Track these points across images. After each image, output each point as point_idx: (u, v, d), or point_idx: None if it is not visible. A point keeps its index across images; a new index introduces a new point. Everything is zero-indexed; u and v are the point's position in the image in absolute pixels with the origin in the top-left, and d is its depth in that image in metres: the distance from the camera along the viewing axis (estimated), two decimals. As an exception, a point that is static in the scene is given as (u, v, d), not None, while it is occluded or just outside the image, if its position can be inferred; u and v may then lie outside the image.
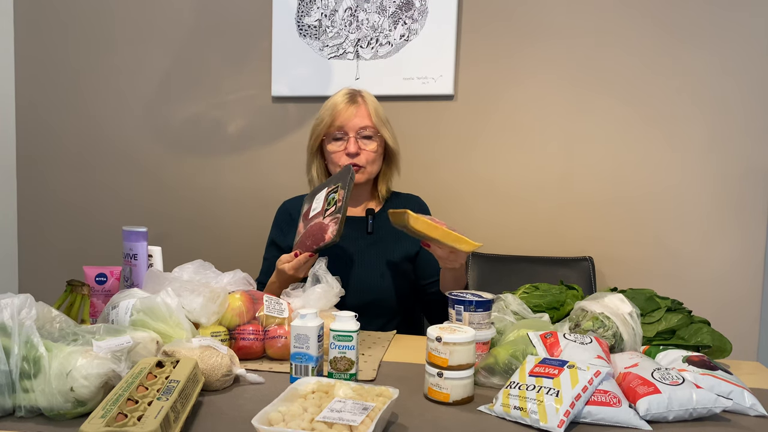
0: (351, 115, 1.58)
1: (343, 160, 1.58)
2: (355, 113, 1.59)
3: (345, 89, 1.65)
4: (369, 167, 1.61)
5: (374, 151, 1.60)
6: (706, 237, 2.02)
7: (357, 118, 1.59)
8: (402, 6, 2.14)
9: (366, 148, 1.59)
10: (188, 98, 2.38)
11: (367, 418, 0.86)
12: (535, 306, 1.35)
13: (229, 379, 1.06)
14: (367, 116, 1.60)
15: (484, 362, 1.11)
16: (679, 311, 1.28)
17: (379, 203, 1.70)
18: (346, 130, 1.58)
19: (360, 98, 1.62)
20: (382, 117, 1.63)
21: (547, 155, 2.11)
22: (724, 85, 1.98)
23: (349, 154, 1.58)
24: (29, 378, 0.92)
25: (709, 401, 0.96)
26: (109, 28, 2.43)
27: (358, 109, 1.59)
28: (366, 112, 1.60)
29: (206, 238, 2.41)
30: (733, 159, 1.99)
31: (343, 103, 1.59)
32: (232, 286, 1.28)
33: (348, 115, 1.58)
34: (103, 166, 2.49)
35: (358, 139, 1.58)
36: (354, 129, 1.58)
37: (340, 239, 1.44)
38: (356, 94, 1.63)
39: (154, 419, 0.79)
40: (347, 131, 1.58)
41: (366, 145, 1.59)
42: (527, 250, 2.13)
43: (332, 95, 1.65)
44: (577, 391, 0.93)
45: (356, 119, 1.58)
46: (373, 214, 1.64)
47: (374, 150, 1.60)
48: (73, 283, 1.35)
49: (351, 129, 1.58)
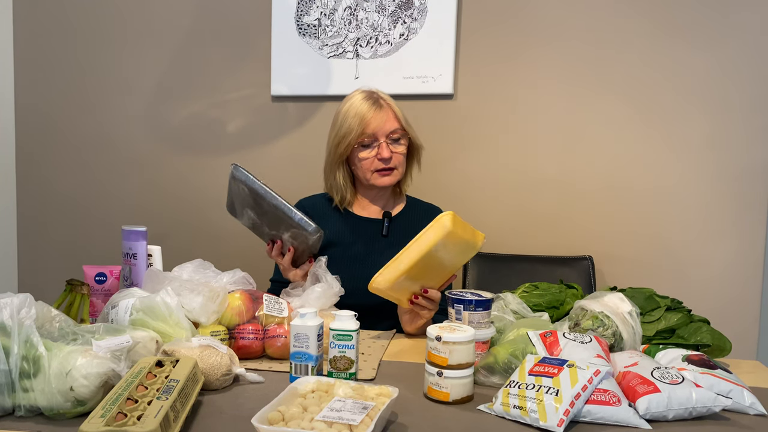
0: (381, 121, 1.56)
1: (375, 165, 1.58)
2: (385, 119, 1.56)
3: (361, 92, 1.61)
4: (400, 168, 1.61)
5: (403, 153, 1.61)
6: (706, 236, 2.03)
7: (387, 124, 1.56)
8: (401, 5, 2.14)
9: (396, 151, 1.58)
10: (188, 97, 2.38)
11: (366, 417, 0.86)
12: (534, 305, 1.35)
13: (228, 378, 1.06)
14: (395, 119, 1.58)
15: (484, 361, 1.11)
16: (679, 310, 1.28)
17: (396, 204, 1.70)
18: (377, 136, 1.56)
19: (383, 101, 1.59)
20: (405, 116, 1.62)
21: (546, 154, 2.11)
22: (724, 84, 1.98)
23: (383, 159, 1.56)
24: (29, 377, 0.92)
25: (708, 400, 0.96)
26: (108, 27, 2.43)
27: (386, 114, 1.57)
28: (393, 115, 1.58)
29: (206, 237, 2.41)
30: (732, 158, 1.99)
31: (370, 111, 1.56)
32: (232, 285, 1.28)
33: (379, 122, 1.55)
34: (102, 165, 2.48)
35: (388, 143, 1.57)
36: (385, 134, 1.56)
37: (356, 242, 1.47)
38: (378, 98, 1.59)
39: (154, 418, 0.79)
40: (378, 137, 1.56)
41: (396, 149, 1.58)
42: (527, 249, 2.13)
43: (350, 100, 1.60)
44: (577, 390, 0.93)
45: (386, 125, 1.56)
46: (390, 217, 1.64)
47: (403, 152, 1.61)
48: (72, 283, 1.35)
49: (382, 135, 1.56)
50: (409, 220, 1.67)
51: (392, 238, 1.62)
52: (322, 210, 1.68)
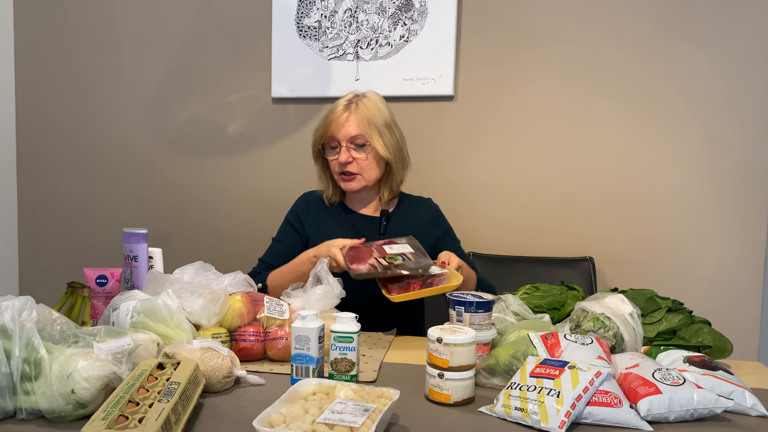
0: (340, 124, 1.56)
1: (338, 168, 1.58)
2: (345, 122, 1.56)
3: (349, 94, 1.61)
4: (365, 174, 1.58)
5: (365, 159, 1.57)
6: (707, 237, 2.02)
7: (346, 128, 1.56)
8: (402, 7, 2.14)
9: (358, 156, 1.57)
10: (188, 99, 2.38)
11: (368, 419, 0.86)
12: (535, 306, 1.35)
13: (229, 380, 1.06)
14: (356, 125, 1.55)
15: (485, 363, 1.11)
16: (680, 311, 1.28)
17: (387, 205, 1.70)
18: (338, 139, 1.56)
19: (354, 105, 1.57)
20: (377, 124, 1.56)
21: (547, 155, 2.12)
22: (724, 85, 1.98)
23: (340, 163, 1.56)
24: (30, 380, 0.92)
25: (710, 401, 0.96)
26: (110, 29, 2.43)
27: (348, 118, 1.56)
28: (355, 120, 1.56)
29: (207, 239, 2.41)
30: (733, 158, 1.99)
31: (336, 113, 1.57)
32: (233, 287, 1.28)
33: (338, 125, 1.56)
34: (103, 167, 2.49)
35: (350, 148, 1.56)
36: (345, 138, 1.56)
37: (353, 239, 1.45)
38: (353, 101, 1.58)
39: (155, 421, 0.79)
40: (339, 141, 1.56)
41: (358, 154, 1.56)
42: (528, 250, 2.13)
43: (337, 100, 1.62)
44: (578, 391, 0.93)
45: (345, 128, 1.56)
46: (387, 216, 1.64)
47: (365, 158, 1.57)
48: (73, 285, 1.36)
49: (342, 138, 1.56)
50: (403, 216, 1.67)
51: (389, 236, 1.62)
52: (322, 205, 1.68)
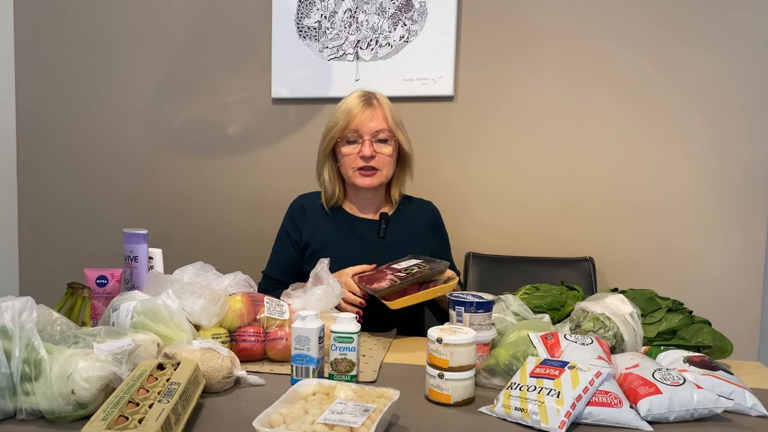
0: (367, 118, 1.56)
1: (356, 163, 1.58)
2: (371, 116, 1.57)
3: (359, 91, 1.63)
4: (384, 170, 1.60)
5: (389, 154, 1.59)
6: (707, 237, 2.02)
7: (373, 122, 1.57)
8: (401, 7, 2.14)
9: (381, 151, 1.58)
10: (188, 100, 2.38)
11: (368, 419, 0.86)
12: (535, 307, 1.35)
13: (229, 381, 1.06)
14: (382, 119, 1.58)
15: (485, 363, 1.11)
16: (680, 311, 1.28)
17: (392, 207, 1.69)
18: (361, 133, 1.57)
19: (375, 101, 1.60)
20: (397, 120, 1.61)
21: (547, 156, 2.12)
22: (725, 86, 1.98)
23: (364, 156, 1.56)
24: (30, 381, 0.92)
25: (710, 402, 0.96)
26: (109, 30, 2.43)
27: (374, 113, 1.58)
28: (382, 115, 1.58)
29: (207, 239, 2.41)
30: (733, 159, 1.99)
31: (358, 107, 1.57)
32: (233, 288, 1.28)
33: (364, 119, 1.56)
34: (103, 168, 2.49)
35: (373, 142, 1.57)
36: (369, 132, 1.57)
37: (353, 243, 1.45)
38: (371, 97, 1.61)
39: (155, 422, 0.79)
40: (362, 134, 1.57)
41: (381, 149, 1.58)
42: (527, 250, 2.13)
43: (346, 98, 1.63)
44: (578, 391, 0.93)
45: (372, 122, 1.57)
46: (387, 219, 1.64)
47: (389, 154, 1.59)
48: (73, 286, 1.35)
49: (366, 132, 1.57)
50: (402, 220, 1.67)
51: (388, 239, 1.62)
52: (319, 208, 1.68)
